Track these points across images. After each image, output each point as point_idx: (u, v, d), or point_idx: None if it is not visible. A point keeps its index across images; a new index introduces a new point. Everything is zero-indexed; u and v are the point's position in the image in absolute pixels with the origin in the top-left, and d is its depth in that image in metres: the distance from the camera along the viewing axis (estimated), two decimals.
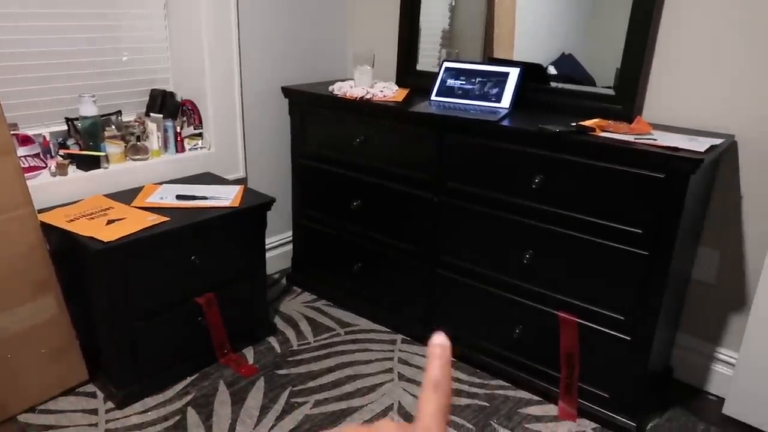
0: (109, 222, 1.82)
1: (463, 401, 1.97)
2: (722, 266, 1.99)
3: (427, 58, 2.49)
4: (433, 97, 2.21)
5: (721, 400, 2.01)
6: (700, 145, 1.62)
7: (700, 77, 1.89)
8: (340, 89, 2.30)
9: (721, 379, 2.06)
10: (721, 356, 2.05)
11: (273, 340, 2.28)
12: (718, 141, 1.70)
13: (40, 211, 1.87)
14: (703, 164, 1.54)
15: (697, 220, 1.89)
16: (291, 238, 2.77)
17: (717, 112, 1.88)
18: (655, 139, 1.67)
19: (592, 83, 2.06)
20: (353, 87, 2.28)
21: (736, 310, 2.00)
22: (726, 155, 1.90)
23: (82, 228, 1.77)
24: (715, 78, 1.87)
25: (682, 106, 1.94)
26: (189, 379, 2.02)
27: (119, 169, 2.11)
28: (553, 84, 2.15)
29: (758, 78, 1.79)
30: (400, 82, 2.50)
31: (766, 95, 1.79)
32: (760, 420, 1.87)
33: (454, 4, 2.40)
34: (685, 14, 1.88)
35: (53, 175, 1.97)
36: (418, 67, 2.51)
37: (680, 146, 1.60)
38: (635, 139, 1.68)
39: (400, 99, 2.20)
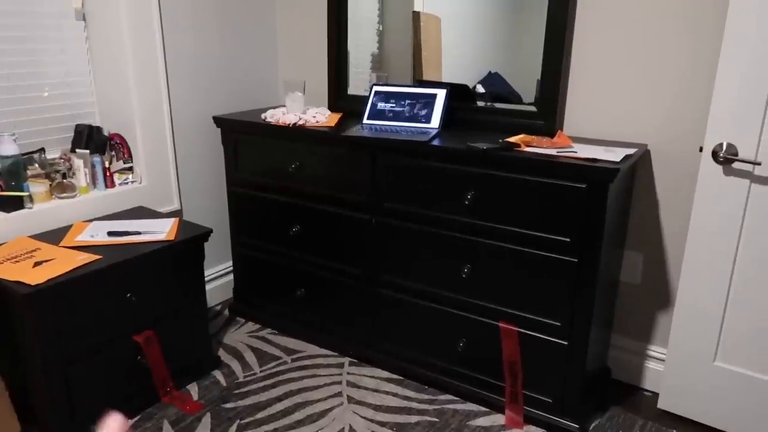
0: (36, 264, 1.75)
1: (413, 418, 1.99)
2: (646, 267, 2.11)
3: (360, 82, 2.54)
4: (365, 120, 2.25)
5: (656, 396, 2.12)
6: (616, 155, 1.72)
7: (613, 92, 2.02)
8: (272, 116, 2.31)
9: (654, 375, 2.16)
10: (653, 353, 2.16)
11: (218, 374, 2.23)
12: (632, 150, 1.81)
13: None
14: (619, 173, 1.64)
15: (620, 226, 2.00)
16: (231, 268, 2.73)
17: (630, 124, 2.01)
18: (576, 152, 1.76)
19: (519, 99, 2.15)
20: (285, 114, 2.29)
21: (662, 308, 2.12)
22: (641, 163, 2.02)
23: (7, 272, 1.69)
24: (627, 92, 2.00)
25: (599, 119, 2.06)
26: (131, 422, 1.95)
27: (45, 209, 2.03)
28: (479, 103, 2.23)
29: (665, 90, 1.93)
30: (332, 107, 2.53)
31: (673, 106, 1.93)
32: (691, 411, 1.98)
33: (381, 28, 2.47)
34: (596, 34, 2.01)
35: None
36: (350, 92, 2.55)
37: (598, 157, 1.70)
38: (557, 152, 1.76)
39: (332, 124, 2.23)
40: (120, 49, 2.21)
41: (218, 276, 2.77)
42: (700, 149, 1.78)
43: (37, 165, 2.07)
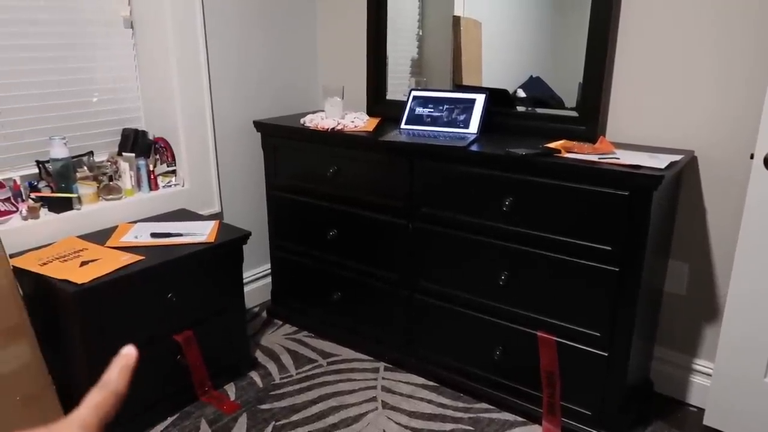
0: (83, 263, 1.81)
1: (448, 426, 1.97)
2: (692, 278, 2.03)
3: (399, 87, 2.54)
4: (403, 125, 2.25)
5: (701, 411, 2.04)
6: (661, 161, 1.67)
7: (658, 96, 1.96)
8: (311, 121, 2.33)
9: (700, 390, 2.08)
10: (699, 367, 2.08)
11: (255, 375, 2.26)
12: (678, 157, 1.76)
13: (12, 255, 1.85)
14: (664, 180, 1.59)
15: (665, 235, 1.94)
16: (269, 271, 2.77)
17: (676, 129, 1.95)
18: (618, 158, 1.72)
19: (561, 103, 2.12)
20: (324, 119, 2.31)
21: (709, 320, 2.04)
22: (687, 170, 1.96)
23: (56, 271, 1.75)
24: (673, 96, 1.93)
25: (643, 124, 2.01)
26: (170, 420, 1.99)
27: (92, 210, 2.10)
28: (520, 108, 2.20)
29: (713, 94, 1.86)
30: (370, 112, 2.54)
31: (722, 111, 1.86)
32: (739, 429, 1.90)
33: (421, 33, 2.47)
34: (640, 36, 1.95)
35: (24, 218, 1.95)
36: (389, 97, 2.55)
37: (642, 164, 1.65)
38: (599, 158, 1.72)
39: (370, 128, 2.24)
40: (165, 56, 2.27)
41: (257, 278, 2.81)
42: (751, 156, 1.71)
43: (85, 167, 2.15)
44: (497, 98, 2.21)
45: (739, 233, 1.77)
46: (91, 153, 2.20)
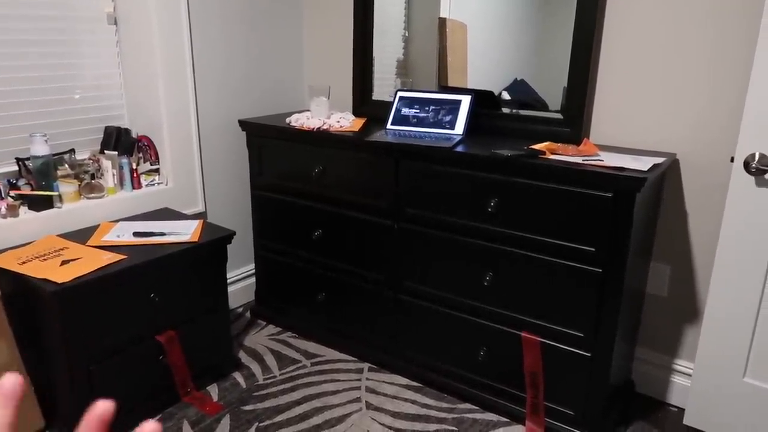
0: (63, 263, 1.78)
1: (432, 427, 1.97)
2: (673, 280, 2.06)
3: (384, 88, 2.54)
4: (389, 125, 2.25)
5: (681, 411, 2.06)
6: (644, 164, 1.69)
7: (641, 99, 1.99)
8: (297, 121, 2.32)
9: (680, 390, 2.11)
10: (679, 367, 2.11)
11: (238, 376, 2.24)
12: (660, 160, 1.78)
13: None
14: (647, 182, 1.60)
15: (647, 237, 1.96)
16: (253, 271, 2.75)
17: (659, 132, 1.97)
18: (602, 160, 1.73)
19: (545, 106, 2.13)
20: (310, 118, 2.30)
21: (690, 321, 2.07)
22: (669, 173, 1.98)
23: (35, 270, 1.73)
24: (656, 99, 1.96)
25: (626, 127, 2.03)
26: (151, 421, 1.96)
27: (73, 208, 2.07)
28: (504, 110, 2.22)
29: (695, 98, 1.89)
30: (356, 112, 2.54)
31: (703, 115, 1.89)
32: (718, 428, 1.92)
33: (407, 35, 2.47)
34: (624, 40, 1.98)
35: (3, 216, 1.92)
36: (374, 97, 2.55)
37: (625, 166, 1.67)
38: (583, 160, 1.74)
39: (356, 129, 2.24)
40: (149, 53, 2.25)
41: (240, 278, 2.79)
42: (732, 159, 1.73)
43: (66, 165, 2.11)
44: (483, 100, 2.22)
45: (719, 235, 1.79)
46: (72, 151, 2.17)
